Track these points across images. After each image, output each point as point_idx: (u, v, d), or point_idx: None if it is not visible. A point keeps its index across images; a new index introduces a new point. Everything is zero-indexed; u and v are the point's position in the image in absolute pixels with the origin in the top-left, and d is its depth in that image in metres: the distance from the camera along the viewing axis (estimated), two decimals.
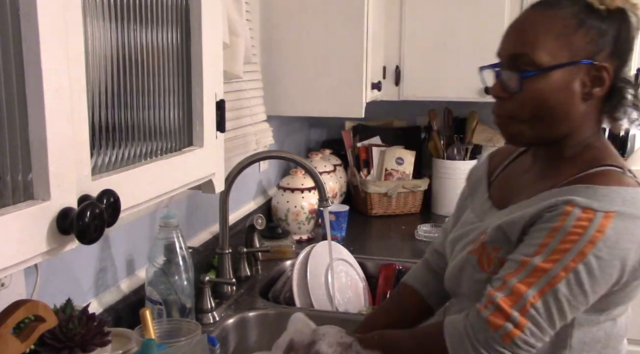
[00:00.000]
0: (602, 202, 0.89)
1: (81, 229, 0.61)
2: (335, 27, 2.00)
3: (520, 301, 0.89)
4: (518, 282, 0.91)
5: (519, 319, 0.89)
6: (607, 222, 0.88)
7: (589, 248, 0.87)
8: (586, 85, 0.95)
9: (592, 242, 0.87)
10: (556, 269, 0.89)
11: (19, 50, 0.57)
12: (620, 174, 0.96)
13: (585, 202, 0.90)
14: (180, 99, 0.92)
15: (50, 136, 0.59)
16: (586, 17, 0.94)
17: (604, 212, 0.88)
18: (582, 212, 0.89)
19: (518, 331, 0.89)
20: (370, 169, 2.63)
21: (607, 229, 0.87)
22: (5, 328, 0.71)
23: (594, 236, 0.87)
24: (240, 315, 1.55)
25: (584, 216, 0.89)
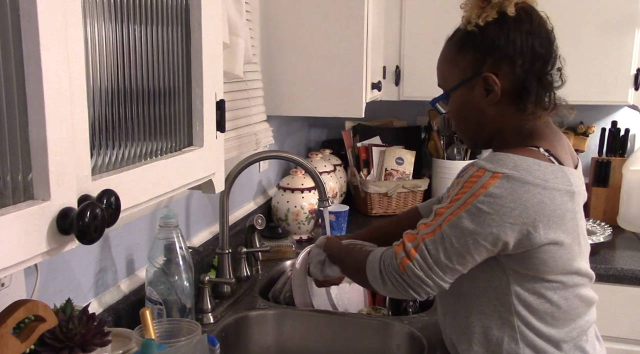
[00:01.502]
0: (494, 164, 1.02)
1: (81, 229, 0.61)
2: (335, 27, 2.00)
3: (417, 237, 1.08)
4: (422, 223, 1.09)
5: (410, 250, 1.07)
6: (492, 181, 1.00)
7: (472, 199, 1.01)
8: (483, 94, 1.11)
9: (475, 195, 1.01)
10: (447, 213, 1.04)
11: (19, 50, 0.57)
12: (531, 149, 1.06)
13: (481, 164, 1.03)
14: (180, 99, 0.92)
15: (50, 136, 0.59)
16: (465, 39, 1.11)
17: (492, 172, 1.01)
18: (477, 171, 1.03)
19: (408, 260, 1.07)
20: (370, 169, 2.63)
21: (491, 187, 1.00)
22: (5, 328, 0.71)
23: (478, 191, 1.01)
24: (240, 315, 1.55)
25: (476, 174, 1.02)
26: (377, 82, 2.16)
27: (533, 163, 1.02)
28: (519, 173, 1.00)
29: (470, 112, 1.14)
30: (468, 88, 1.12)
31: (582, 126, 2.59)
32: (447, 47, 1.16)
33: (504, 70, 1.08)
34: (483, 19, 1.07)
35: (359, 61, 2.01)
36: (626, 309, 2.01)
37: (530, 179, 1.00)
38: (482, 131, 1.15)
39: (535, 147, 1.07)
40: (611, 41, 2.19)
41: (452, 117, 1.19)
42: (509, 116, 1.11)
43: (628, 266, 2.01)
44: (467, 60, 1.11)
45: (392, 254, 1.11)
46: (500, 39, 1.07)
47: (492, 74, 1.08)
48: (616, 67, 2.21)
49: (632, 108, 2.40)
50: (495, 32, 1.07)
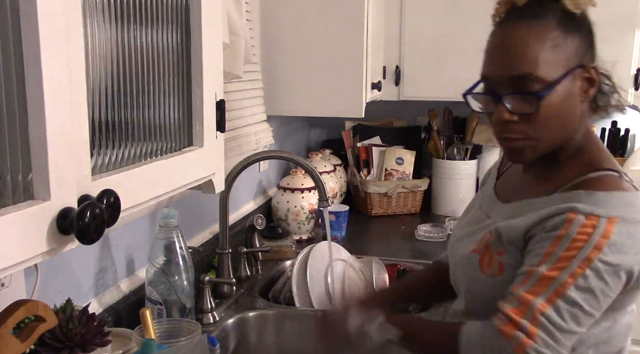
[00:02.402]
0: (604, 208, 0.89)
1: (81, 229, 0.61)
2: (335, 27, 2.00)
3: (529, 310, 0.89)
4: (524, 292, 0.90)
5: (529, 327, 0.88)
6: (611, 228, 0.88)
7: (596, 254, 0.87)
8: (583, 88, 0.96)
9: (597, 248, 0.87)
10: (563, 276, 0.88)
11: (19, 50, 0.57)
12: (617, 178, 0.96)
13: (588, 209, 0.89)
14: (180, 99, 0.92)
15: (50, 136, 0.59)
16: (569, 23, 0.95)
17: (607, 218, 0.88)
18: (586, 218, 0.89)
19: (529, 340, 0.88)
20: (370, 169, 2.63)
21: (612, 234, 0.87)
22: (5, 328, 0.71)
23: (599, 242, 0.87)
24: (240, 315, 1.55)
25: (588, 223, 0.88)
26: (377, 82, 2.16)
27: (634, 197, 0.92)
28: (631, 213, 0.90)
29: (570, 110, 0.96)
30: (571, 79, 0.95)
31: None
32: (544, 28, 0.94)
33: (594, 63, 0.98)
34: (586, 5, 0.97)
35: (359, 61, 2.01)
36: None
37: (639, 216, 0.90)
38: (565, 133, 0.98)
39: (615, 172, 0.96)
40: (611, 41, 2.19)
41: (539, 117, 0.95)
42: (586, 117, 1.01)
43: None
44: (574, 47, 0.95)
45: (496, 335, 0.91)
46: (591, 30, 0.98)
47: (595, 65, 0.97)
48: (616, 67, 2.21)
49: (632, 108, 2.40)
50: (589, 22, 0.98)
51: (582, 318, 0.89)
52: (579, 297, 0.88)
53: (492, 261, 1.00)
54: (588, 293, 0.88)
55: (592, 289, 0.88)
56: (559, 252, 0.89)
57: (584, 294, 0.88)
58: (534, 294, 0.89)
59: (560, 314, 0.88)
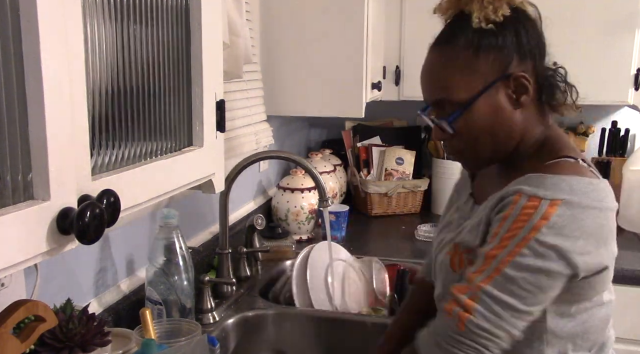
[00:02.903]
0: (549, 191, 0.90)
1: (81, 229, 0.61)
2: (335, 27, 2.00)
3: (471, 287, 0.92)
4: (470, 272, 0.94)
5: (466, 302, 0.91)
6: (552, 210, 0.89)
7: (533, 234, 0.89)
8: (512, 97, 0.98)
9: (535, 229, 0.89)
10: (502, 254, 0.90)
11: (19, 50, 0.57)
12: (573, 163, 0.96)
13: (532, 191, 0.91)
14: (180, 99, 0.92)
15: (50, 136, 0.59)
16: (480, 41, 0.96)
17: (549, 200, 0.89)
18: (528, 200, 0.90)
19: (467, 313, 0.91)
20: (370, 169, 2.63)
21: (552, 216, 0.88)
22: (5, 328, 0.71)
23: (538, 223, 0.89)
24: (240, 315, 1.55)
25: (530, 204, 0.90)
26: (377, 82, 2.17)
27: (587, 183, 0.92)
28: (577, 197, 0.89)
29: (498, 123, 0.99)
30: (492, 94, 0.97)
31: (582, 126, 2.59)
32: (454, 53, 0.98)
33: (529, 67, 0.98)
34: (501, 14, 0.96)
35: (359, 61, 2.01)
36: (626, 309, 2.01)
37: (588, 202, 0.90)
38: (510, 142, 1.01)
39: (572, 159, 0.97)
40: (611, 41, 2.19)
41: (465, 135, 1.00)
42: (534, 117, 1.01)
43: (628, 266, 2.01)
44: (489, 62, 0.96)
45: (442, 315, 0.94)
46: (521, 34, 0.97)
47: (522, 73, 0.97)
48: (616, 67, 2.21)
49: (632, 108, 2.40)
50: (514, 26, 0.97)
51: (523, 295, 0.90)
52: (516, 274, 0.89)
53: (462, 260, 1.02)
54: (525, 271, 0.89)
55: (529, 267, 0.89)
56: (502, 232, 0.91)
57: (520, 271, 0.89)
58: (478, 273, 0.92)
59: (499, 288, 0.90)
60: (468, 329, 0.91)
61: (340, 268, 1.75)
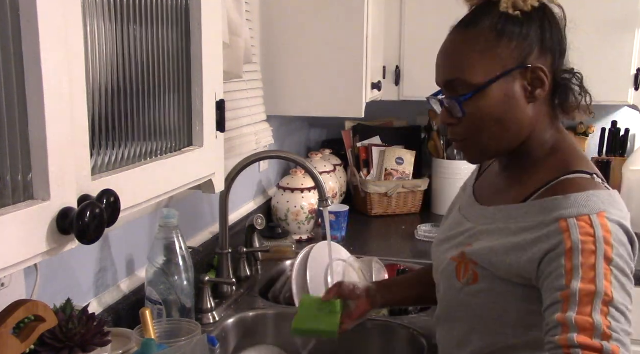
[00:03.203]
0: (588, 207, 0.89)
1: (81, 229, 0.61)
2: (336, 27, 2.00)
3: (596, 331, 0.84)
4: (577, 316, 0.85)
5: (610, 347, 0.83)
6: (604, 221, 0.88)
7: (610, 250, 0.86)
8: (527, 90, 0.97)
9: (608, 244, 0.86)
10: (600, 284, 0.85)
11: (19, 50, 0.57)
12: (589, 179, 0.95)
13: (575, 212, 0.89)
14: (180, 99, 0.92)
15: (50, 136, 0.59)
16: (504, 26, 0.95)
17: (596, 214, 0.88)
18: (578, 220, 0.88)
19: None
20: (370, 169, 2.63)
21: (609, 226, 0.88)
22: (5, 328, 0.71)
23: (606, 237, 0.87)
24: (240, 315, 1.55)
25: (584, 224, 0.88)
26: (377, 82, 2.17)
27: (609, 196, 0.92)
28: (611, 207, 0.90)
29: (509, 112, 0.97)
30: (508, 82, 0.96)
31: (582, 126, 2.59)
32: (476, 34, 0.97)
33: (548, 63, 0.97)
34: (530, 4, 0.95)
35: (359, 61, 2.01)
36: None
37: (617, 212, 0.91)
38: (514, 134, 0.99)
39: (587, 174, 0.96)
40: (611, 41, 2.19)
41: (473, 120, 0.98)
42: (545, 117, 1.00)
43: None
44: (510, 49, 0.95)
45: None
46: (545, 29, 0.96)
47: (542, 66, 0.96)
48: (616, 67, 2.21)
49: (632, 108, 2.40)
50: (541, 20, 0.96)
51: (629, 315, 0.87)
52: (621, 297, 0.85)
53: (467, 270, 1.00)
54: (623, 291, 0.86)
55: (624, 285, 0.86)
56: (579, 263, 0.86)
57: (621, 293, 0.86)
58: (589, 314, 0.84)
59: (617, 320, 0.85)
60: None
61: (340, 268, 1.75)
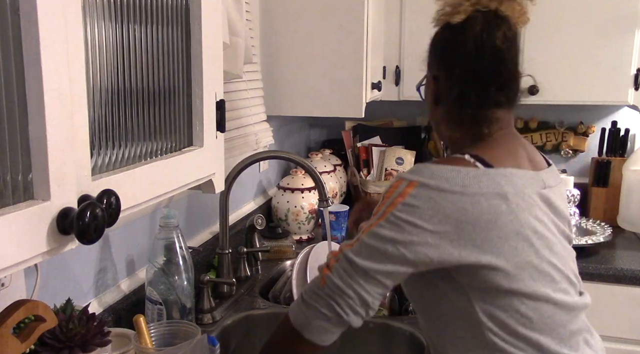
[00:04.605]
0: (411, 174, 0.99)
1: (81, 229, 0.61)
2: (336, 27, 2.00)
3: (339, 250, 1.03)
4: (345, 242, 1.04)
5: (330, 260, 1.02)
6: (409, 190, 0.97)
7: (390, 208, 0.98)
8: (432, 92, 1.12)
9: (393, 204, 0.98)
10: (367, 225, 1.01)
11: (19, 50, 0.57)
12: (457, 157, 1.02)
13: (401, 174, 1.02)
14: (180, 99, 0.92)
15: (50, 136, 0.59)
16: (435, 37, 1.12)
17: (408, 181, 0.98)
18: (395, 181, 1.01)
19: (327, 270, 1.01)
20: (370, 169, 2.63)
21: (408, 195, 0.97)
22: (5, 328, 0.71)
23: (396, 199, 0.98)
24: (240, 315, 1.55)
25: (395, 184, 1.01)
26: (377, 82, 2.17)
27: (450, 170, 0.97)
28: (435, 181, 0.96)
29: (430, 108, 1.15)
30: (427, 83, 1.15)
31: (582, 126, 2.59)
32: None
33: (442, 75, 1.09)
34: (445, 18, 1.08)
35: (359, 61, 2.01)
36: (626, 309, 2.01)
37: (447, 186, 0.96)
38: (437, 128, 1.16)
39: (461, 155, 1.02)
40: (611, 41, 2.19)
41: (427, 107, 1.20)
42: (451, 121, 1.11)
43: (628, 266, 2.01)
44: (430, 57, 1.13)
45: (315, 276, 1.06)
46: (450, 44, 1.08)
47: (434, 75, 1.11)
48: (616, 67, 2.21)
49: (632, 108, 2.40)
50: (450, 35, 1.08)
51: (371, 260, 0.98)
52: (371, 241, 0.99)
53: None
54: (378, 238, 0.98)
55: (382, 236, 0.98)
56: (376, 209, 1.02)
57: (374, 238, 0.98)
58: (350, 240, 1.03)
59: (355, 252, 1.00)
60: (326, 285, 1.00)
61: None
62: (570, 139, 2.61)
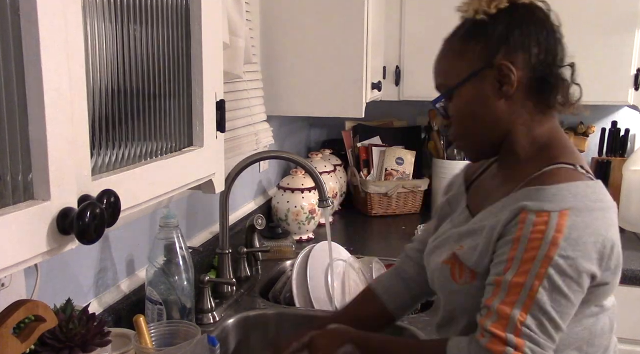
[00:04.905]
0: (553, 203, 0.89)
1: (81, 229, 0.61)
2: (335, 27, 2.00)
3: (510, 322, 0.88)
4: (500, 304, 0.90)
5: (515, 340, 0.88)
6: (563, 221, 0.87)
7: (554, 250, 0.87)
8: (496, 87, 0.99)
9: (554, 244, 0.87)
10: (530, 280, 0.88)
11: (19, 50, 0.57)
12: (569, 170, 0.95)
13: (537, 206, 0.90)
14: (180, 99, 0.92)
15: (50, 136, 0.59)
16: (472, 30, 1.01)
17: (558, 212, 0.88)
18: (536, 216, 0.89)
19: (519, 352, 0.88)
20: (370, 169, 2.63)
21: (565, 228, 0.87)
22: (5, 328, 0.71)
23: (555, 237, 0.87)
24: (240, 315, 1.55)
25: (539, 220, 0.88)
26: (377, 82, 2.16)
27: (585, 186, 0.92)
28: (582, 202, 0.89)
29: (478, 110, 1.01)
30: (478, 82, 1.00)
31: (582, 126, 2.59)
32: (450, 43, 1.05)
33: (519, 60, 0.98)
34: (495, 6, 0.98)
35: (359, 61, 2.01)
36: (626, 309, 2.01)
37: (592, 204, 0.90)
38: (492, 132, 1.02)
39: (570, 165, 0.96)
40: (611, 41, 2.19)
41: (455, 120, 1.04)
42: (524, 114, 1.00)
43: (628, 266, 2.01)
44: (477, 51, 0.99)
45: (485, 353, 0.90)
46: (514, 27, 0.98)
47: (508, 63, 0.97)
48: (616, 67, 2.21)
49: (632, 108, 2.40)
50: (508, 19, 0.98)
51: (558, 319, 0.89)
52: (550, 298, 0.87)
53: (462, 270, 1.00)
54: (556, 292, 0.88)
55: (559, 287, 0.87)
56: (520, 255, 0.89)
57: (552, 294, 0.87)
58: (510, 305, 0.89)
59: (539, 319, 0.88)
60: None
61: (340, 267, 1.75)
62: (570, 139, 2.61)
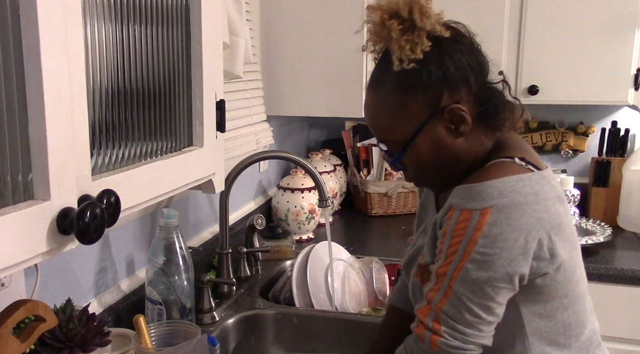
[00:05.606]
0: (476, 201, 0.91)
1: (81, 229, 0.61)
2: (335, 27, 2.00)
3: (432, 308, 0.94)
4: (428, 291, 0.96)
5: (432, 325, 0.94)
6: (484, 219, 0.89)
7: (472, 246, 0.90)
8: (451, 128, 0.97)
9: (473, 241, 0.89)
10: (450, 270, 0.92)
11: (19, 50, 0.57)
12: (505, 164, 0.95)
13: (461, 204, 0.92)
14: (180, 99, 0.92)
15: (50, 136, 0.59)
16: (405, 81, 0.95)
17: (479, 210, 0.90)
18: (460, 214, 0.91)
19: (437, 336, 0.93)
20: (370, 169, 2.63)
21: (485, 226, 0.89)
22: (5, 328, 0.71)
23: (474, 235, 0.89)
24: (240, 315, 1.55)
25: (462, 218, 0.91)
26: None
27: (517, 180, 0.91)
28: (507, 198, 0.89)
29: (441, 154, 0.98)
30: (431, 129, 0.96)
31: (582, 126, 2.59)
32: (383, 96, 0.98)
33: (463, 94, 0.96)
34: (420, 51, 0.92)
35: (359, 61, 2.01)
36: (626, 309, 2.01)
37: (521, 198, 0.90)
38: (459, 167, 1.00)
39: (508, 158, 0.96)
40: (611, 41, 2.19)
41: (413, 167, 1.02)
42: (480, 139, 0.99)
43: (628, 266, 2.01)
44: (419, 100, 0.95)
45: (415, 339, 0.97)
46: (447, 65, 0.94)
47: (456, 104, 0.95)
48: (616, 67, 2.21)
49: (632, 108, 2.40)
50: (438, 58, 0.94)
51: (477, 309, 0.91)
52: (465, 289, 0.91)
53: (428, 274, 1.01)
54: (471, 284, 0.91)
55: (474, 280, 0.90)
56: (445, 248, 0.93)
57: (467, 285, 0.91)
58: (435, 292, 0.94)
59: (454, 308, 0.92)
60: (441, 349, 0.93)
61: (340, 267, 1.75)
62: (570, 139, 2.61)
